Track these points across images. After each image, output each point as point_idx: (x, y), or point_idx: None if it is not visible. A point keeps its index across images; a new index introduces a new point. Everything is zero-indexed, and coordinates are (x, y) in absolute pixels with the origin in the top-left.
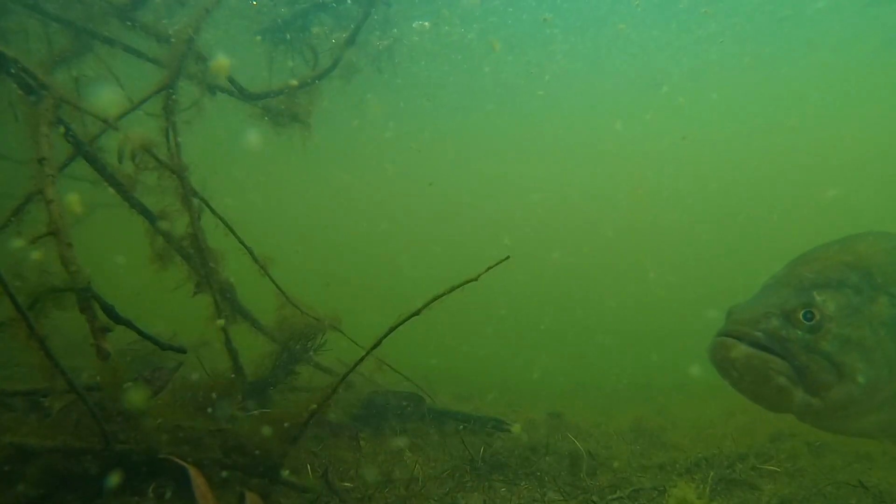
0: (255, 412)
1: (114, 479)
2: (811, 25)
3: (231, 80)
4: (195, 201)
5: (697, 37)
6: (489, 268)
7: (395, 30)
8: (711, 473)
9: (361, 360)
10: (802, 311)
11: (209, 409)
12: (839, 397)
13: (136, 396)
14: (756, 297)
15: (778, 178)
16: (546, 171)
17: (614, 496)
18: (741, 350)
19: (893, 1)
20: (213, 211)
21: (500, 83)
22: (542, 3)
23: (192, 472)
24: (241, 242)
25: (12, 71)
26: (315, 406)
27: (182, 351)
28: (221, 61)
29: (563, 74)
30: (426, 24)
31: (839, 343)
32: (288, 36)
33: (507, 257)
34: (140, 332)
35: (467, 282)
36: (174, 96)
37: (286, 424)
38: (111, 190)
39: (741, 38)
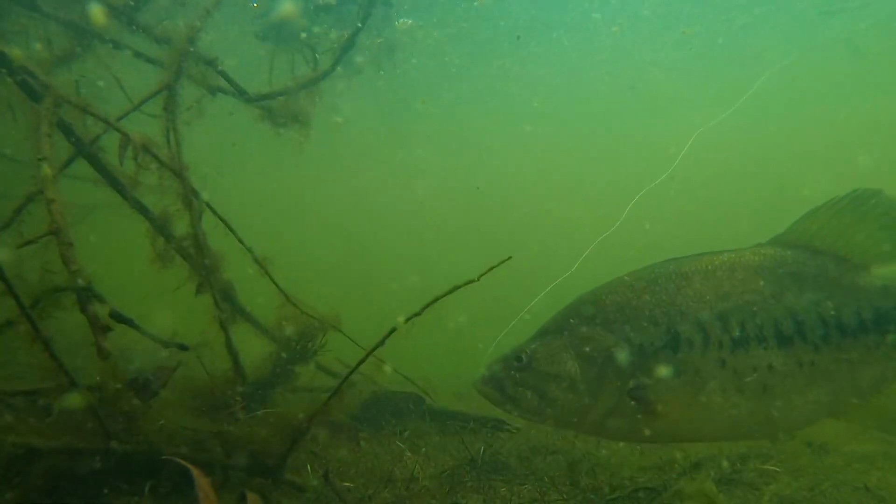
0: (258, 413)
1: (115, 479)
2: (769, 34)
3: (231, 81)
4: (195, 202)
5: (671, 41)
6: (490, 269)
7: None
8: (712, 473)
9: (362, 361)
10: (515, 356)
11: (211, 410)
12: (552, 414)
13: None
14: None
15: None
16: (528, 172)
17: (614, 496)
18: (478, 384)
19: (844, 11)
20: (213, 211)
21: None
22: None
23: (195, 472)
24: (241, 242)
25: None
26: (317, 409)
27: (184, 348)
28: None
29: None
30: (409, 21)
31: (540, 376)
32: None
33: (509, 257)
34: (141, 331)
35: (468, 283)
36: (175, 97)
37: (287, 426)
38: (112, 190)
39: (708, 44)
